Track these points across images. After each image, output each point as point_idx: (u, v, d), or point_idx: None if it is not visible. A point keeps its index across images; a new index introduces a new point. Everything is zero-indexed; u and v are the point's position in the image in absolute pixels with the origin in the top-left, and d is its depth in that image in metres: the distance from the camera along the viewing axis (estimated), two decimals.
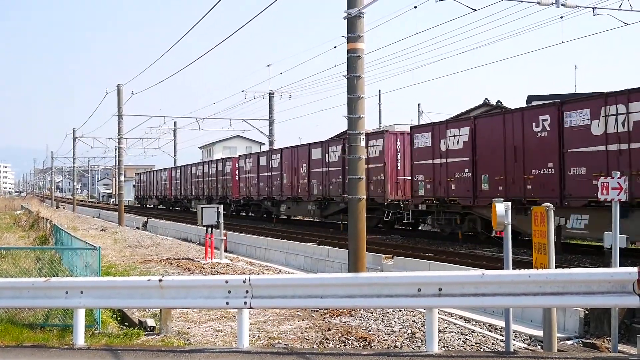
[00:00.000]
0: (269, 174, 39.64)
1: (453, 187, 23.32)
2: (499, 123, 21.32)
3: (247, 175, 43.40)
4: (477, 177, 22.01)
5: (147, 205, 74.07)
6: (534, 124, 19.54)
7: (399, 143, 28.41)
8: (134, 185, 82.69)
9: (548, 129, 19.04)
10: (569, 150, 18.29)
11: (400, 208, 27.60)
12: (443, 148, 23.81)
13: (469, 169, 22.47)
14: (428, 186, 24.69)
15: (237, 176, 45.22)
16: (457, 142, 23.10)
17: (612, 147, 17.01)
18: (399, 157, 28.40)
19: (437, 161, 24.19)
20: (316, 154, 34.18)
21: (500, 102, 36.86)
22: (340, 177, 30.91)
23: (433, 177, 24.35)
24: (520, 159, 20.07)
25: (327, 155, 32.94)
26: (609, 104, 17.04)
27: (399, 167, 28.26)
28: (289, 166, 36.92)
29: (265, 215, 43.89)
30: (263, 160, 40.88)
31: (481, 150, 22.00)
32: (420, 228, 30.88)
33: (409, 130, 27.47)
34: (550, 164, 18.89)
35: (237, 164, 45.32)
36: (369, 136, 27.51)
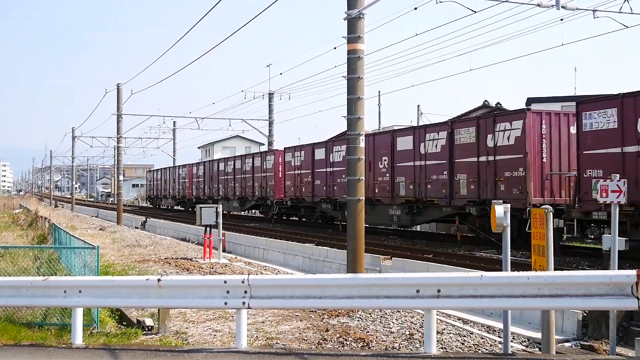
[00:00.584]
0: (329, 169, 31.92)
1: None
2: None
3: (296, 172, 35.48)
4: None
5: (161, 206, 66.12)
6: None
7: (544, 126, 20.65)
8: (147, 183, 76.32)
9: None
10: None
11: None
12: None
13: None
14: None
15: (281, 172, 37.89)
16: None
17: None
18: (544, 146, 20.61)
19: None
20: (404, 143, 26.25)
21: (500, 104, 36.87)
22: (446, 173, 23.50)
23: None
24: None
25: (422, 145, 25.04)
26: None
27: (544, 159, 20.62)
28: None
29: (320, 221, 36.30)
30: (320, 153, 32.97)
31: None
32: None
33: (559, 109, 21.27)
34: None
35: (281, 158, 37.93)
36: (497, 118, 21.61)
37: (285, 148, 38.03)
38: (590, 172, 17.65)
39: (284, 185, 37.28)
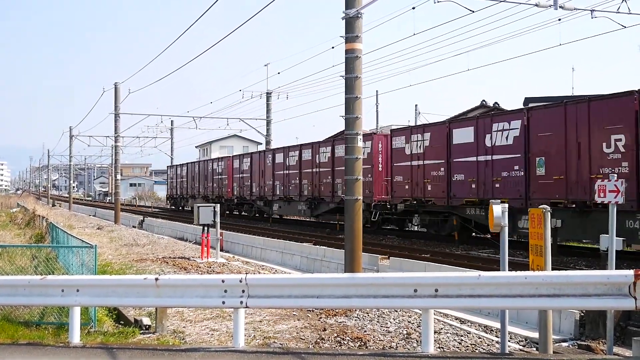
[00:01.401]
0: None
1: None
2: None
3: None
4: None
5: (187, 208, 55.17)
6: None
7: (381, 145, 27.56)
8: (168, 181, 65.22)
9: None
10: None
11: None
12: None
13: None
14: None
15: (381, 165, 28.19)
16: None
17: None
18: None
19: None
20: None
21: (498, 104, 36.92)
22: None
23: None
24: None
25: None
26: None
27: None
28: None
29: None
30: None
31: None
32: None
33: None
34: None
35: (381, 144, 28.17)
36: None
37: (392, 130, 29.47)
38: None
39: (389, 183, 27.54)
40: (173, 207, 62.14)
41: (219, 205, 21.36)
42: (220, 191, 47.76)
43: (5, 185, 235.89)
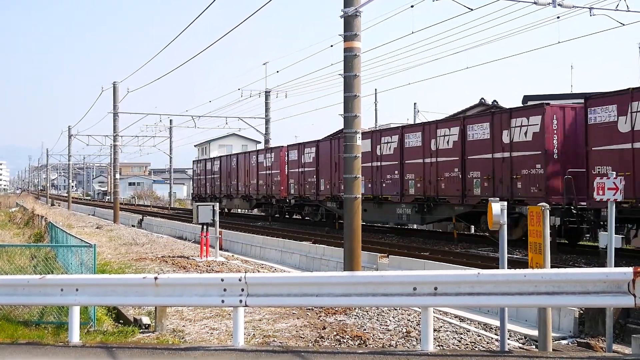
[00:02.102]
0: None
1: None
2: None
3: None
4: None
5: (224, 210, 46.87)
6: None
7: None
8: (193, 178, 56.01)
9: None
10: None
11: None
12: None
13: None
14: None
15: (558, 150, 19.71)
16: None
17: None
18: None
19: None
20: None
21: (497, 102, 36.91)
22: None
23: None
24: None
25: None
26: None
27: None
28: None
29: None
30: None
31: None
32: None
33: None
34: None
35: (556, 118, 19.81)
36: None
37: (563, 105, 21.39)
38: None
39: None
40: None
41: (217, 204, 21.35)
42: (268, 190, 38.17)
43: (4, 185, 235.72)
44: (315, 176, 32.57)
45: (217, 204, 21.24)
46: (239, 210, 50.79)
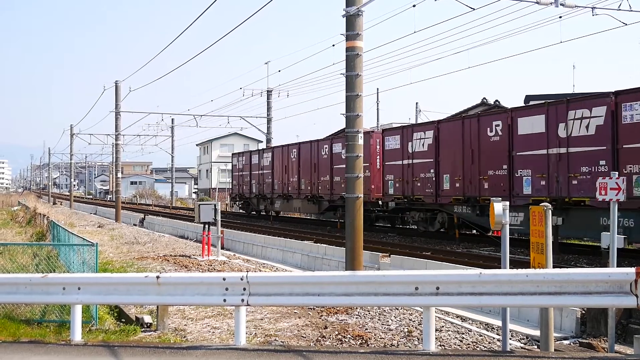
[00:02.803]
0: None
1: None
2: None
3: None
4: None
5: (273, 211, 39.77)
6: None
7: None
8: (234, 175, 46.23)
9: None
10: None
11: None
12: None
13: None
14: None
15: None
16: None
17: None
18: None
19: None
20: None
21: (498, 102, 36.91)
22: None
23: None
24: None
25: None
26: None
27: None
28: None
29: None
30: None
31: None
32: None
33: None
34: None
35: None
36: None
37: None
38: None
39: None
40: (242, 211, 46.63)
41: (219, 203, 21.36)
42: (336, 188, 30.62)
43: (6, 184, 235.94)
44: (433, 170, 23.67)
45: (219, 203, 21.22)
46: (301, 214, 40.35)
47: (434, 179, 23.97)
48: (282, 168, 37.10)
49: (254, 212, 43.81)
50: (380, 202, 28.67)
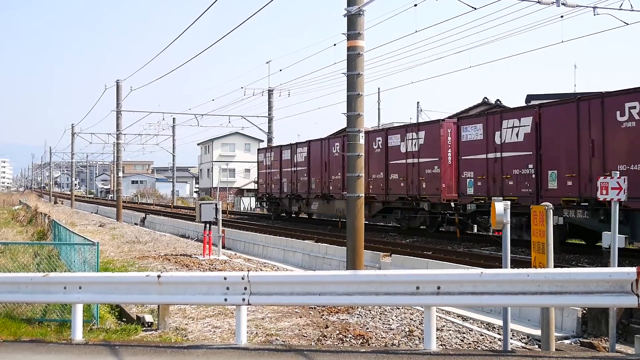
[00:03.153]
0: None
1: None
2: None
3: None
4: None
5: (307, 212, 36.58)
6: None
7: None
8: (260, 173, 40.62)
9: None
10: None
11: None
12: None
13: None
14: None
15: None
16: None
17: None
18: None
19: None
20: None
21: (500, 101, 36.91)
22: None
23: None
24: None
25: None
26: None
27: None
28: None
29: None
30: None
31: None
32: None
33: None
34: None
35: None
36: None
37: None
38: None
39: None
40: (270, 213, 41.12)
41: (220, 202, 21.36)
42: (412, 188, 25.73)
43: (7, 183, 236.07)
44: (533, 166, 20.10)
45: (220, 202, 21.22)
46: (342, 218, 31.23)
47: (533, 176, 19.88)
48: (322, 164, 32.45)
49: (284, 215, 39.08)
50: (453, 204, 24.30)
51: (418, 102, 51.64)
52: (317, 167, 33.15)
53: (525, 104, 27.90)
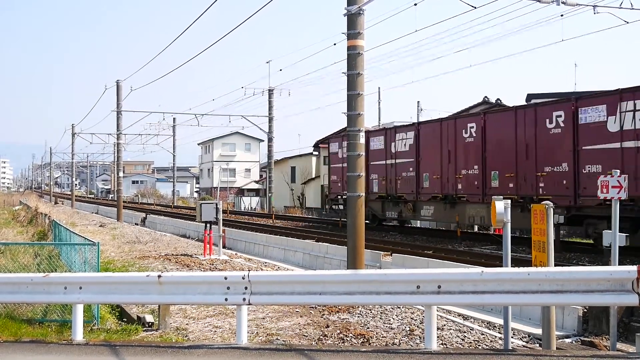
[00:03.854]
0: None
1: None
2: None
3: None
4: None
5: (412, 223, 30.50)
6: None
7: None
8: (329, 166, 33.51)
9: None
10: None
11: None
12: None
13: None
14: None
15: None
16: None
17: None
18: None
19: None
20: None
21: (500, 100, 36.92)
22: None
23: None
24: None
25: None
26: None
27: None
28: None
29: None
30: None
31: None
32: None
33: None
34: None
35: None
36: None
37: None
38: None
39: None
40: (337, 218, 33.69)
41: (221, 202, 21.34)
42: None
43: (8, 183, 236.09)
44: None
45: (220, 203, 21.16)
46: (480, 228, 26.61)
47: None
48: (442, 154, 24.24)
49: (367, 221, 24.31)
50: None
51: (418, 102, 51.70)
52: (432, 159, 24.89)
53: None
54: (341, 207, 30.94)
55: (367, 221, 25.85)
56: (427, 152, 25.42)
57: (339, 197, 31.02)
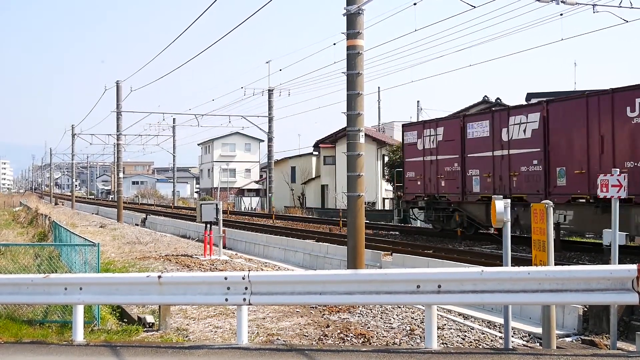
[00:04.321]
0: None
1: None
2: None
3: None
4: None
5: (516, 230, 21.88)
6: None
7: None
8: (403, 161, 26.94)
9: None
10: None
11: None
12: None
13: None
14: None
15: None
16: None
17: None
18: None
19: None
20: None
21: (500, 99, 36.93)
22: None
23: None
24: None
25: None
26: None
27: None
28: None
29: None
30: None
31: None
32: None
33: None
34: None
35: None
36: None
37: None
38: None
39: None
40: (437, 228, 26.16)
41: (221, 202, 21.33)
42: None
43: (8, 185, 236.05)
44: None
45: (221, 202, 21.14)
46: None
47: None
48: (593, 141, 17.85)
49: (462, 229, 24.12)
50: None
51: (418, 101, 51.69)
52: (572, 147, 18.75)
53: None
54: (420, 213, 26.33)
55: (462, 229, 24.00)
56: (562, 139, 18.95)
57: (419, 199, 25.76)
